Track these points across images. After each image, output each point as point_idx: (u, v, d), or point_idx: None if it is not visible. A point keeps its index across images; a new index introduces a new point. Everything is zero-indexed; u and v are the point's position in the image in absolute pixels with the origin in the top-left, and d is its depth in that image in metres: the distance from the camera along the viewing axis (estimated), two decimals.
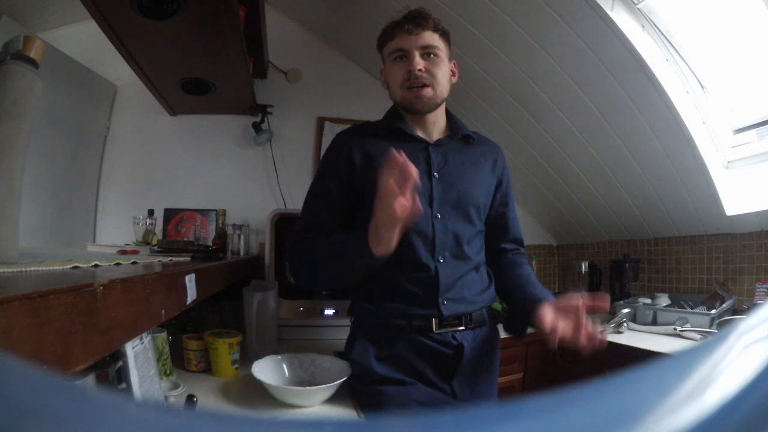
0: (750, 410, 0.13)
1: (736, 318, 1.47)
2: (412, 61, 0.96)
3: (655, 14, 1.47)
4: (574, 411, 0.14)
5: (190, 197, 1.98)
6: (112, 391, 0.70)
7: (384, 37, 1.01)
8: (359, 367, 0.96)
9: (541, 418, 0.14)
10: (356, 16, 1.99)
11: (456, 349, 0.94)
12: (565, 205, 2.35)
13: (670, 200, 1.86)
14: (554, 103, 1.82)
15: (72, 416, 0.12)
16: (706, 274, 1.85)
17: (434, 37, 0.98)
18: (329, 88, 2.24)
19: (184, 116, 2.05)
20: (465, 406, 0.96)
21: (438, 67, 0.98)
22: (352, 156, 0.99)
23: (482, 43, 1.73)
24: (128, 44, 1.36)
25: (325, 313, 1.54)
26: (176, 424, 0.13)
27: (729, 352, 0.17)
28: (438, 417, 0.14)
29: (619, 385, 0.15)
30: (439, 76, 0.98)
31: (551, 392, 0.14)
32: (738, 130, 1.64)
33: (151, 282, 0.49)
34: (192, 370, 1.14)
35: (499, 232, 1.09)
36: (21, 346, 0.26)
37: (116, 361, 0.70)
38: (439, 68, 0.98)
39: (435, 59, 0.98)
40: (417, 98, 0.97)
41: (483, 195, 1.03)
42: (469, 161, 1.03)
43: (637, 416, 0.13)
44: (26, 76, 0.48)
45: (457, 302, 0.95)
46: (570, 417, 0.14)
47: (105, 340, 0.36)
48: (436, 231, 0.95)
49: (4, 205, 0.45)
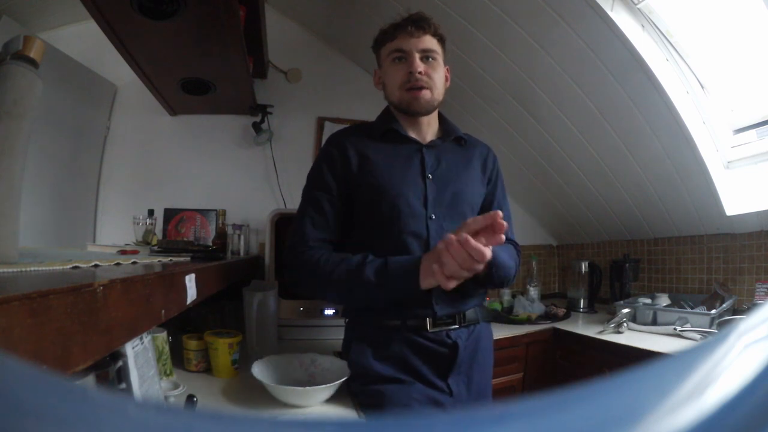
0: (750, 410, 0.13)
1: (736, 318, 1.47)
2: (413, 63, 0.97)
3: (655, 14, 1.47)
4: (574, 411, 0.14)
5: (190, 197, 1.98)
6: (112, 391, 0.70)
7: (383, 37, 1.02)
8: (358, 367, 0.96)
9: (541, 418, 0.14)
10: (356, 16, 1.99)
11: (451, 347, 0.95)
12: (565, 205, 2.35)
13: (670, 200, 1.86)
14: (554, 103, 1.82)
15: (72, 416, 0.12)
16: (706, 274, 1.85)
17: (434, 42, 0.99)
18: (329, 88, 2.24)
19: (184, 116, 2.05)
20: (462, 403, 0.96)
21: (436, 71, 0.99)
22: (348, 154, 0.99)
23: (482, 43, 1.73)
24: (128, 44, 1.36)
25: (325, 313, 1.54)
26: (176, 424, 0.13)
27: (729, 352, 0.17)
28: (438, 417, 0.14)
29: (619, 385, 0.15)
30: (436, 79, 0.99)
31: (551, 392, 0.14)
32: (738, 130, 1.64)
33: (151, 282, 0.49)
34: (192, 370, 1.14)
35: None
36: (21, 346, 0.26)
37: (116, 361, 0.70)
38: (436, 72, 1.00)
39: (433, 63, 0.99)
40: (415, 99, 0.98)
41: (475, 195, 1.04)
42: (462, 162, 1.05)
43: (637, 416, 0.13)
44: (26, 76, 0.48)
45: (451, 301, 0.96)
46: (570, 417, 0.14)
47: (105, 340, 0.36)
48: (430, 232, 0.96)
49: (4, 205, 0.45)
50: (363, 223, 0.99)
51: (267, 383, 0.92)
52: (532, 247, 2.55)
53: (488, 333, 1.06)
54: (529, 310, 1.99)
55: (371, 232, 0.98)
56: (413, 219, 0.95)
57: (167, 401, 0.90)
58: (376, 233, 0.97)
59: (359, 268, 0.88)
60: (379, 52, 1.04)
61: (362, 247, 0.94)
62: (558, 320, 1.91)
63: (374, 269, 0.88)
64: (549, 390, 0.14)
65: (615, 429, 0.13)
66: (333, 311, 1.54)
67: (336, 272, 0.90)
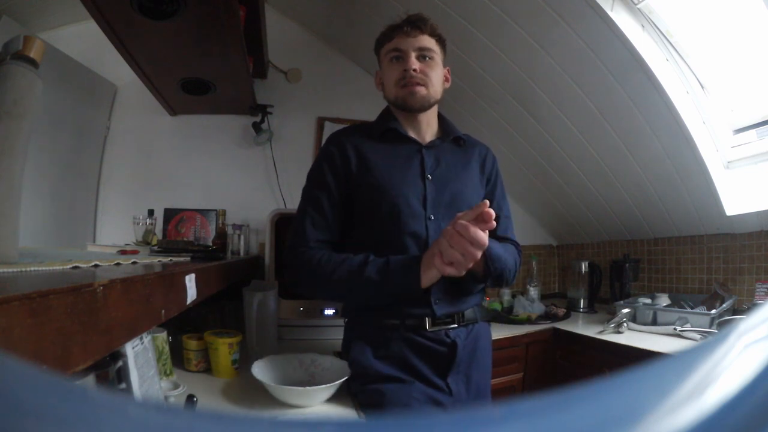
0: (750, 410, 0.13)
1: (736, 318, 1.47)
2: (408, 61, 0.98)
3: (655, 14, 1.47)
4: (574, 411, 0.14)
5: (190, 197, 1.98)
6: (112, 391, 0.70)
7: (382, 38, 1.04)
8: (358, 367, 0.96)
9: (541, 418, 0.14)
10: (356, 16, 1.99)
11: (450, 346, 0.95)
12: (565, 205, 2.35)
13: (670, 200, 1.86)
14: (554, 103, 1.82)
15: (72, 416, 0.12)
16: (706, 274, 1.85)
17: (431, 41, 1.00)
18: (329, 88, 2.24)
19: (184, 116, 2.05)
20: (461, 403, 0.96)
21: (432, 70, 1.00)
22: (348, 153, 1.00)
23: (482, 43, 1.73)
24: (128, 44, 1.36)
25: (325, 313, 1.54)
26: (176, 424, 0.13)
27: (729, 352, 0.17)
28: (438, 417, 0.14)
29: (619, 385, 0.15)
30: (433, 77, 1.00)
31: (551, 392, 0.14)
32: (738, 130, 1.64)
33: (151, 282, 0.49)
34: (192, 370, 1.14)
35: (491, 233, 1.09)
36: (21, 346, 0.26)
37: (116, 361, 0.70)
38: (433, 71, 1.00)
39: (430, 62, 1.00)
40: (410, 95, 0.99)
41: (474, 196, 1.04)
42: (461, 163, 1.05)
43: (637, 416, 0.13)
44: (26, 76, 0.48)
45: (450, 301, 0.96)
46: (570, 417, 0.14)
47: (105, 340, 0.36)
48: (429, 232, 0.96)
49: (4, 205, 0.45)
50: (362, 222, 0.99)
51: (267, 383, 0.92)
52: (532, 247, 2.55)
53: (487, 332, 1.07)
54: (529, 310, 1.99)
55: (371, 232, 0.98)
56: (413, 219, 0.96)
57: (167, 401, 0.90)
58: (375, 233, 0.97)
59: (361, 268, 0.89)
60: (379, 53, 1.06)
61: (362, 247, 0.94)
62: (558, 320, 1.91)
63: (376, 268, 0.89)
64: (549, 390, 0.14)
65: (615, 429, 0.13)
66: (333, 311, 1.54)
67: (337, 272, 0.90)
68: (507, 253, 0.97)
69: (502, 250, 0.95)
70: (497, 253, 0.91)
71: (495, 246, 0.90)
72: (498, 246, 0.93)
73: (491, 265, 0.89)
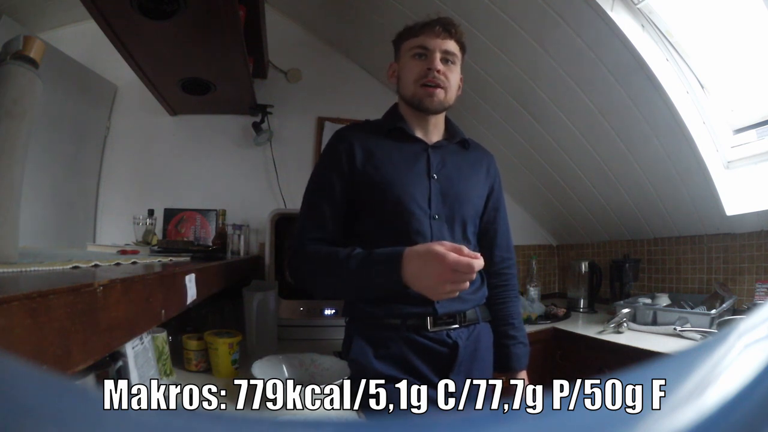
0: (750, 410, 0.13)
1: (736, 318, 1.47)
2: (433, 61, 0.98)
3: (655, 14, 1.47)
4: (573, 411, 0.14)
5: (190, 197, 1.98)
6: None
7: (408, 32, 1.03)
8: (359, 366, 0.96)
9: (542, 418, 0.14)
10: (356, 16, 1.99)
11: (451, 347, 0.95)
12: (565, 205, 2.35)
13: (670, 200, 1.86)
14: (554, 103, 1.82)
15: (72, 416, 0.12)
16: (706, 274, 1.85)
17: (456, 47, 1.02)
18: (329, 88, 2.24)
19: (184, 116, 2.05)
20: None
21: (453, 74, 1.02)
22: (354, 150, 1.00)
23: (483, 44, 1.73)
24: (128, 44, 1.36)
25: (325, 313, 1.54)
26: (176, 424, 0.13)
27: (729, 352, 0.17)
28: (438, 417, 0.14)
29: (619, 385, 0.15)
30: (452, 82, 1.02)
31: (551, 392, 0.14)
32: (738, 130, 1.64)
33: (151, 282, 0.49)
34: (192, 370, 1.13)
35: (489, 241, 1.11)
36: (21, 346, 0.26)
37: (116, 361, 0.70)
38: (453, 75, 1.02)
39: (452, 66, 1.02)
40: (429, 96, 0.99)
41: (478, 198, 1.06)
42: (466, 165, 1.06)
43: (637, 416, 0.13)
44: (26, 76, 0.48)
45: (451, 301, 0.95)
46: (570, 417, 0.14)
47: (105, 340, 0.36)
48: (433, 231, 0.96)
49: (4, 205, 0.45)
50: (366, 219, 1.00)
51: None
52: (532, 247, 2.55)
53: (488, 333, 1.07)
54: (529, 310, 1.99)
55: (375, 229, 0.98)
56: (417, 218, 0.96)
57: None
58: (379, 230, 0.97)
59: (346, 260, 0.89)
60: (400, 46, 1.05)
61: (366, 244, 0.94)
62: (558, 320, 1.91)
63: (358, 260, 0.87)
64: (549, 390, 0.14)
65: (615, 429, 0.13)
66: (333, 311, 1.54)
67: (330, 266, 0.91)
68: (519, 314, 1.13)
69: (516, 332, 1.12)
70: (518, 352, 1.12)
71: (515, 349, 1.11)
72: (516, 346, 1.11)
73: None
